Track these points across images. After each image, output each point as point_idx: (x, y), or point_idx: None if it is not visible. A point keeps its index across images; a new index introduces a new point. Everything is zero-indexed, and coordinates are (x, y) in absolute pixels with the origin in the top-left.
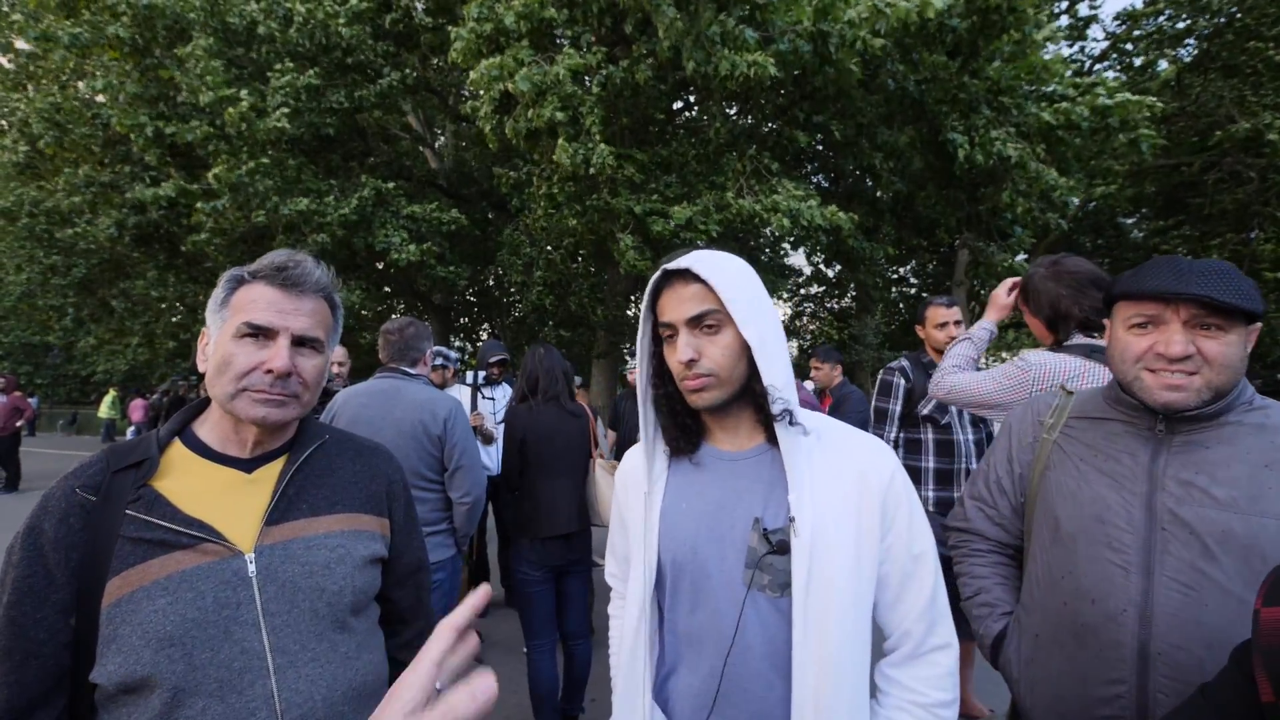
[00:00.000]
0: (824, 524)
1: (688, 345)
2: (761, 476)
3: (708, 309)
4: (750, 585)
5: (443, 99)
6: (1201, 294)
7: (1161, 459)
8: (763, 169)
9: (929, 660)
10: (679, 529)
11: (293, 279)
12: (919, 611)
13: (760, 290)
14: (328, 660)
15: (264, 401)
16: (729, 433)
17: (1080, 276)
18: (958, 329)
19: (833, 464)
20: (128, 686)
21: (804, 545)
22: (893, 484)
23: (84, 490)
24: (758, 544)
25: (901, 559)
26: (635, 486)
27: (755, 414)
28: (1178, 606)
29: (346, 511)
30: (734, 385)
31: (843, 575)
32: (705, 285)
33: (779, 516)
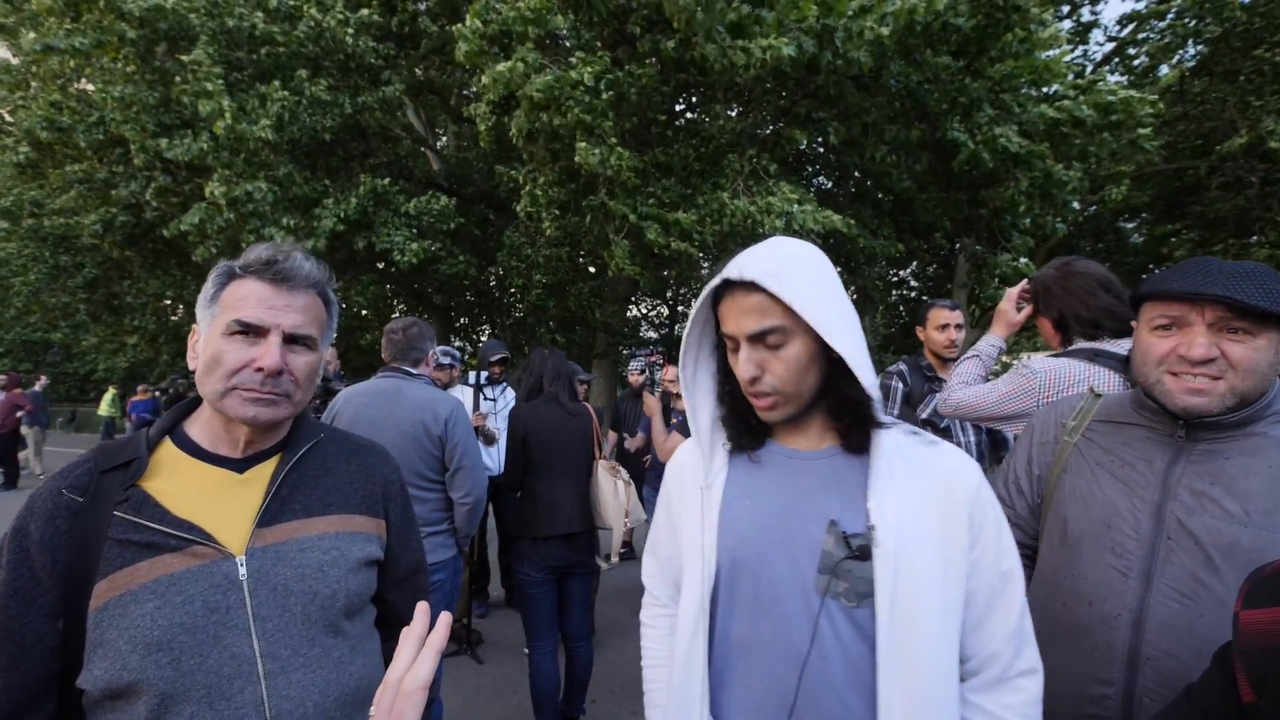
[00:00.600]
0: (908, 531)
1: (749, 362)
2: (835, 478)
3: (769, 326)
4: (826, 592)
5: (444, 99)
6: (1225, 295)
7: (1178, 467)
8: (761, 170)
9: (1015, 686)
10: (741, 528)
11: (283, 273)
12: (1007, 633)
13: (835, 285)
14: (319, 665)
15: (254, 400)
16: (799, 433)
17: (1090, 279)
18: (959, 332)
19: (914, 471)
20: (114, 692)
21: (888, 553)
22: (980, 495)
23: (71, 491)
24: (834, 548)
25: (989, 575)
26: (691, 482)
27: (829, 418)
28: (1173, 615)
29: (341, 512)
30: (804, 399)
31: (930, 588)
32: (770, 297)
33: (856, 521)
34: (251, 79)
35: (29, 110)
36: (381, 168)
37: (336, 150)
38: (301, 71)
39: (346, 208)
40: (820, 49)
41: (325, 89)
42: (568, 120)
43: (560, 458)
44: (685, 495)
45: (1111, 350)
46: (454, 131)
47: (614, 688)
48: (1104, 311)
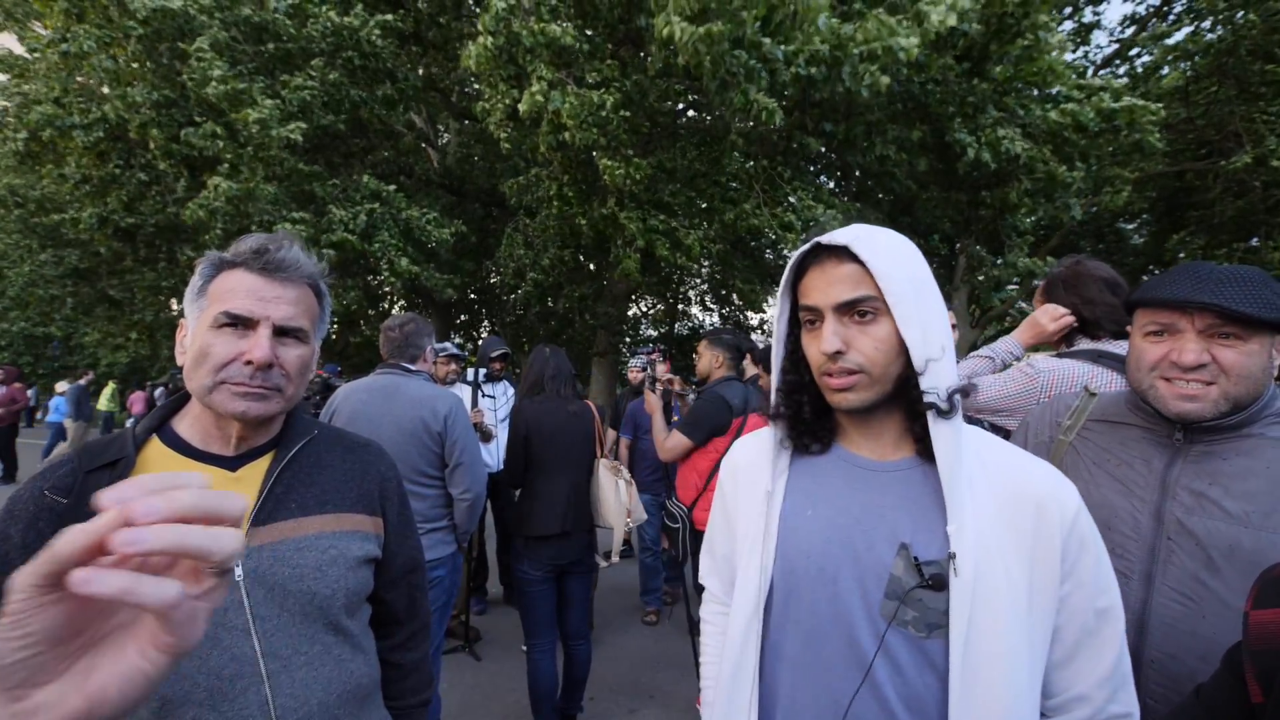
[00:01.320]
0: (990, 562)
1: (834, 335)
2: (910, 495)
3: (863, 295)
4: (893, 619)
5: (445, 97)
6: (1213, 302)
7: (1176, 467)
8: (776, 177)
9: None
10: (802, 538)
11: (274, 264)
12: (1100, 675)
13: (927, 277)
14: (321, 663)
15: (244, 395)
16: (871, 438)
17: (1098, 279)
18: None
19: (1002, 491)
20: None
21: (965, 585)
22: (1077, 522)
23: (54, 493)
24: (904, 574)
25: (1082, 613)
26: (752, 482)
27: (906, 421)
28: (1176, 617)
29: (337, 511)
30: (886, 386)
31: (1010, 624)
32: (862, 267)
33: (931, 546)
34: (254, 72)
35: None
36: (382, 165)
37: (338, 145)
38: (317, 60)
39: (354, 223)
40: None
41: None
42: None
43: (561, 456)
44: (741, 494)
45: (1114, 351)
46: (455, 129)
47: (612, 686)
48: (1108, 312)
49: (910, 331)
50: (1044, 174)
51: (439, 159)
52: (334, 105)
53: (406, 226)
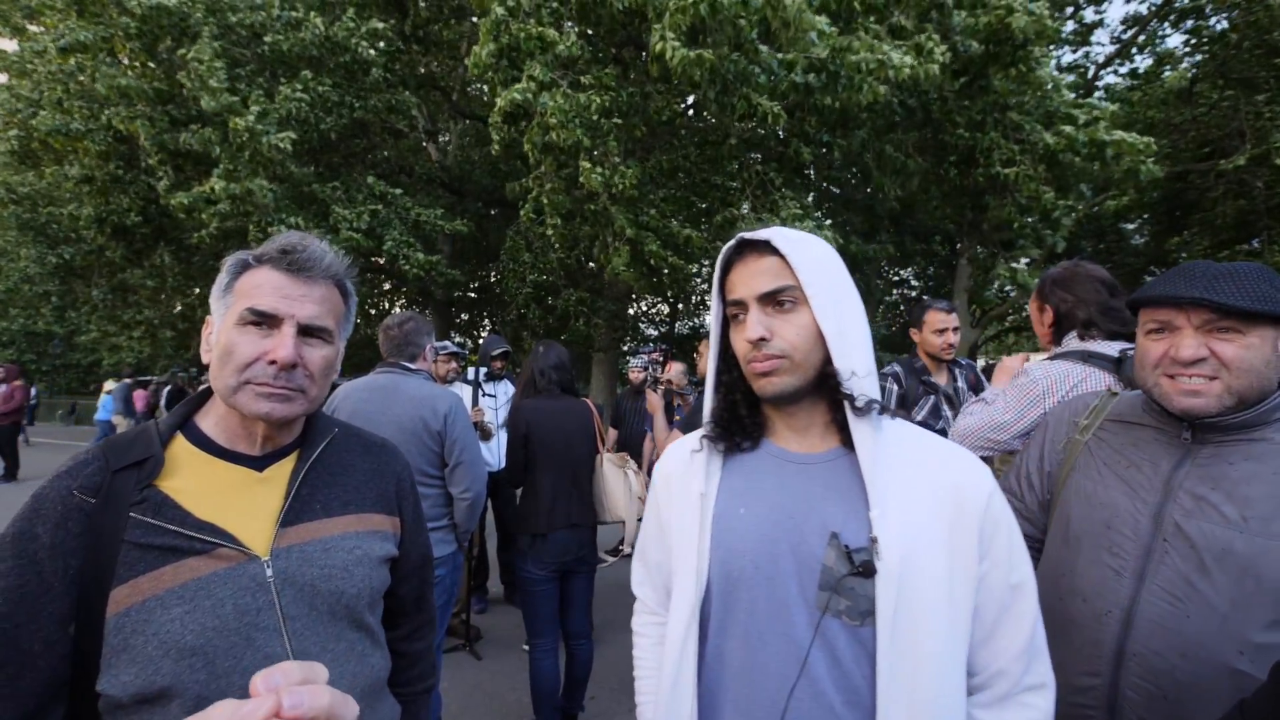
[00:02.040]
0: (913, 545)
1: (758, 323)
2: (837, 485)
3: (783, 285)
4: (826, 610)
5: (446, 95)
6: (1204, 297)
7: (1183, 470)
8: (768, 182)
9: (1023, 702)
10: (736, 537)
11: (300, 263)
12: (1018, 649)
13: (844, 275)
14: (346, 659)
15: (268, 395)
16: (798, 432)
17: (1095, 280)
18: (956, 335)
19: (922, 476)
20: (146, 697)
21: (891, 569)
22: (991, 504)
23: (82, 492)
24: (836, 563)
25: (999, 590)
26: (684, 485)
27: (830, 413)
28: (1161, 615)
29: (359, 511)
30: (808, 372)
31: (935, 605)
32: (783, 260)
33: (859, 534)
34: (253, 74)
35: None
36: (383, 164)
37: (339, 147)
38: (306, 72)
39: (357, 221)
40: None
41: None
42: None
43: (562, 453)
44: (674, 500)
45: (1103, 351)
46: (456, 129)
47: (613, 685)
48: (1102, 312)
49: (827, 323)
50: (1033, 193)
51: (440, 158)
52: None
53: (415, 223)
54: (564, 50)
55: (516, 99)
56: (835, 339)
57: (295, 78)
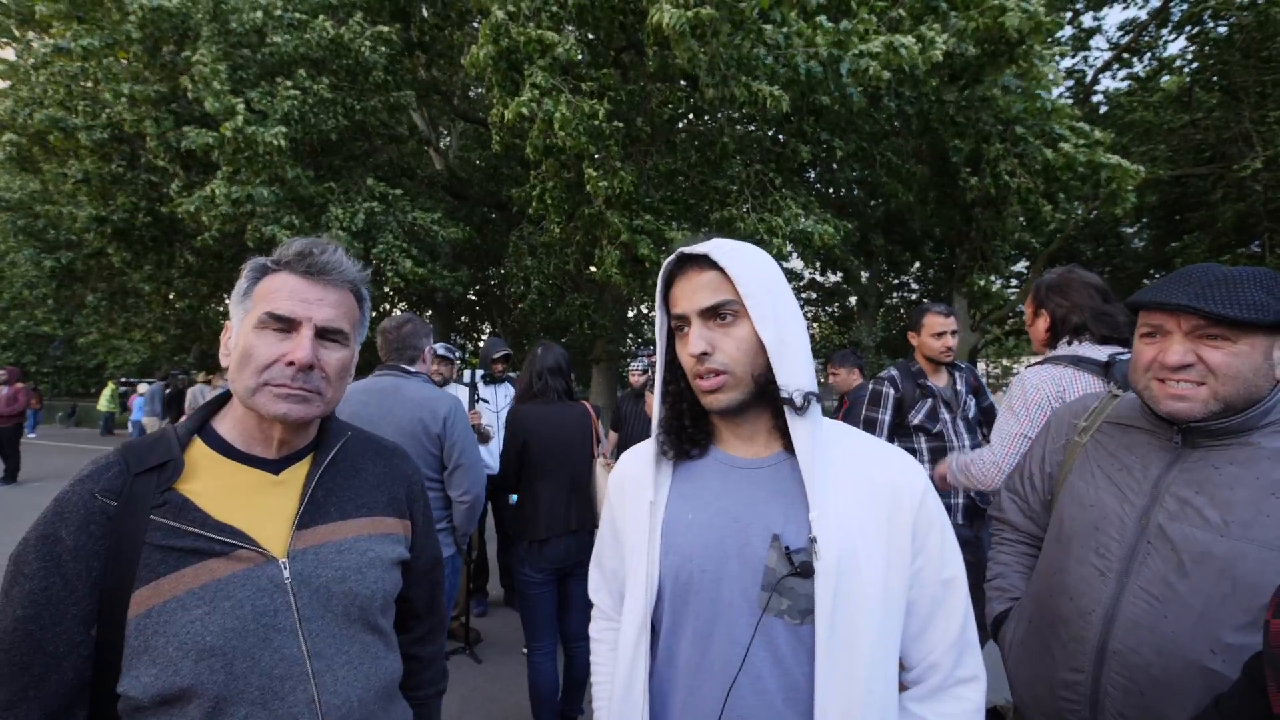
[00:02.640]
0: (851, 545)
1: (700, 337)
2: (780, 488)
3: (723, 299)
4: (766, 609)
5: (448, 99)
6: (1191, 305)
7: (1171, 473)
8: (767, 183)
9: (955, 694)
10: (684, 543)
11: (317, 266)
12: (949, 642)
13: (782, 284)
14: (360, 662)
15: (286, 397)
16: (743, 438)
17: (1087, 286)
18: (954, 339)
19: (860, 477)
20: (166, 698)
21: (829, 568)
22: (925, 502)
23: (104, 495)
24: (777, 564)
25: (931, 585)
26: (636, 493)
27: (773, 419)
28: (1140, 614)
29: (372, 515)
30: (750, 385)
31: (871, 603)
32: (722, 273)
33: (800, 535)
34: (257, 78)
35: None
36: (384, 167)
37: (340, 149)
38: (301, 71)
39: (352, 220)
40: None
41: (328, 88)
42: (576, 144)
43: (559, 457)
44: (628, 507)
45: (1092, 356)
46: (458, 132)
47: None
48: (1094, 317)
49: (766, 332)
50: (1033, 205)
51: (441, 161)
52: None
53: (411, 228)
54: (563, 53)
55: (523, 112)
56: (775, 347)
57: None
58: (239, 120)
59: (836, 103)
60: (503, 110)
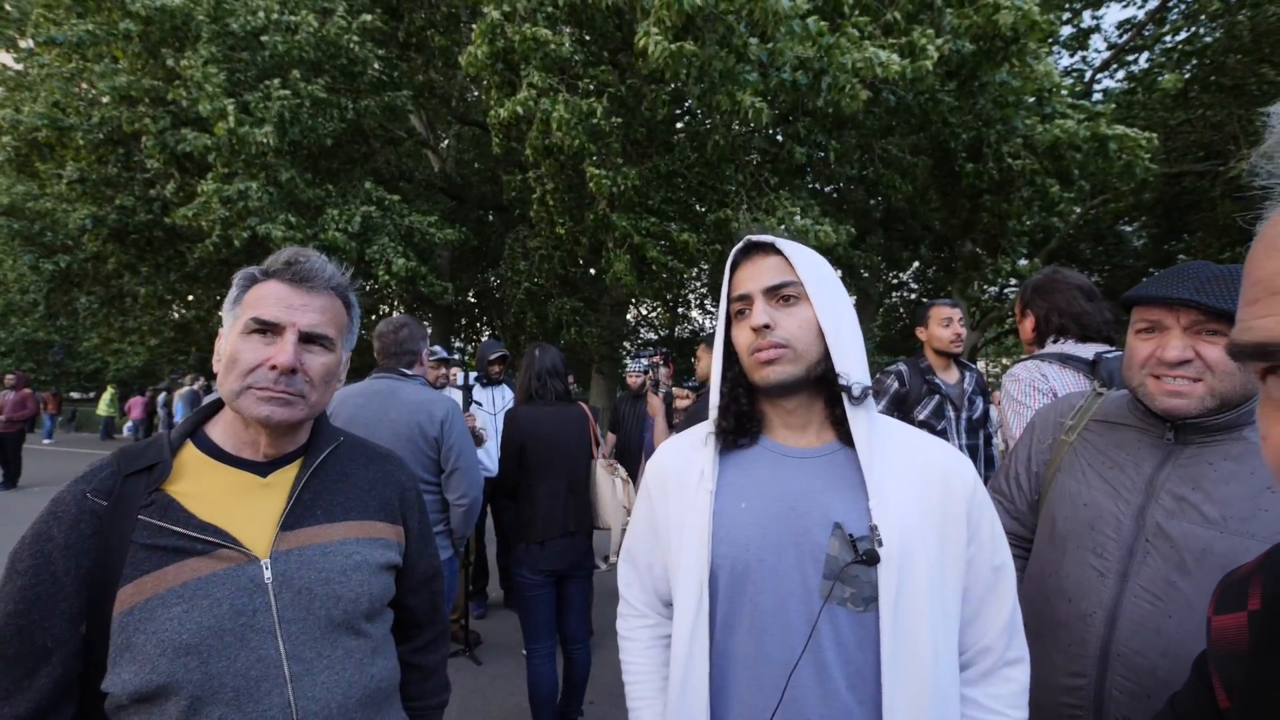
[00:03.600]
0: (909, 533)
1: (763, 312)
2: (836, 477)
3: (787, 279)
4: (829, 598)
5: (446, 101)
6: (1193, 299)
7: (1165, 470)
8: (763, 183)
9: (1004, 676)
10: (739, 532)
11: (302, 274)
12: (1000, 626)
13: (837, 282)
14: (343, 667)
15: (268, 399)
16: (795, 429)
17: (1072, 286)
18: (962, 328)
19: (912, 467)
20: (143, 695)
21: (891, 555)
22: (976, 491)
23: (95, 495)
24: (839, 552)
25: (984, 571)
26: (682, 484)
27: (827, 409)
28: (1144, 615)
29: (361, 518)
30: (808, 363)
31: (930, 589)
32: (785, 260)
33: (860, 523)
34: (255, 80)
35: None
36: (382, 170)
37: (337, 153)
38: (295, 72)
39: (348, 221)
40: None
41: (322, 88)
42: (575, 144)
43: (558, 459)
44: (671, 498)
45: (1079, 355)
46: (455, 134)
47: (613, 690)
48: (1076, 316)
49: (825, 317)
50: (1040, 186)
51: (439, 164)
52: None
53: (408, 231)
54: (555, 50)
55: (519, 111)
56: (833, 334)
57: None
58: (231, 121)
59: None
60: (500, 111)
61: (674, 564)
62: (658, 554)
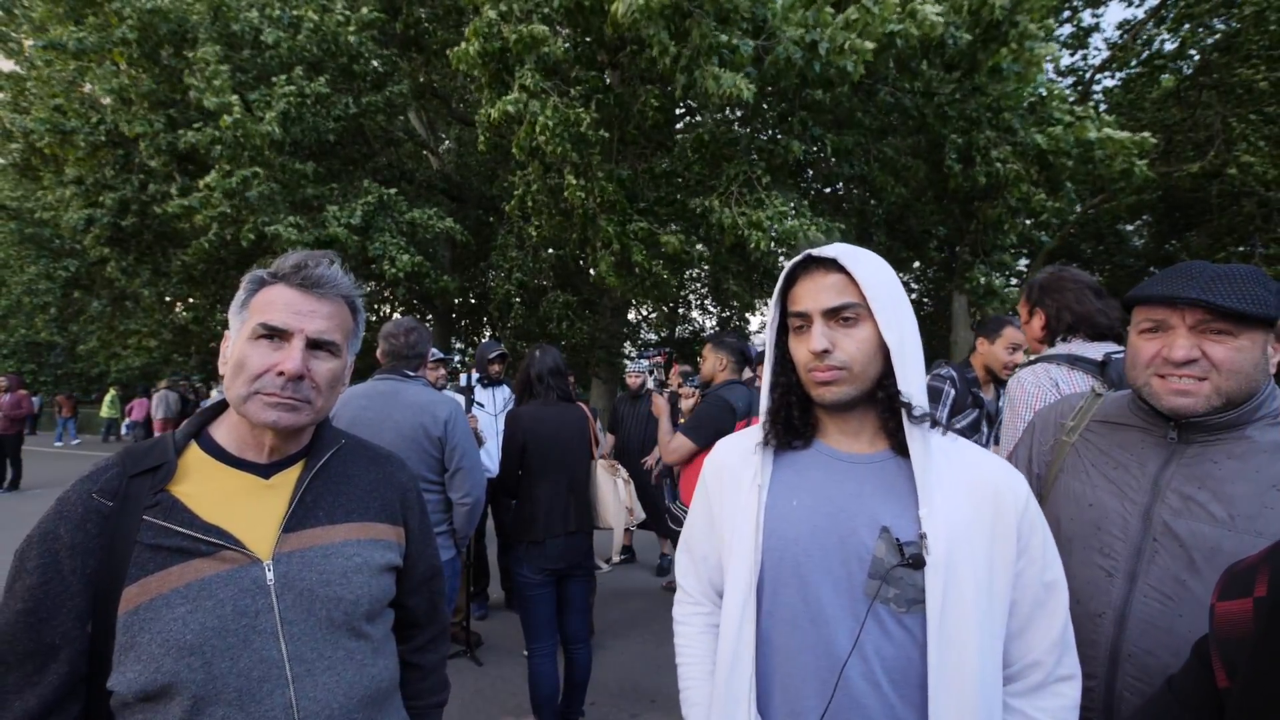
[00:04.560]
0: (958, 542)
1: (822, 335)
2: (886, 484)
3: (848, 301)
4: (875, 597)
5: (446, 102)
6: (1200, 298)
7: (1169, 470)
8: (754, 180)
9: (1055, 691)
10: (788, 528)
11: (311, 279)
12: (1050, 641)
13: (902, 292)
14: (344, 667)
15: (275, 405)
16: (849, 435)
17: (1080, 285)
18: (1022, 356)
19: (966, 481)
20: (147, 694)
21: (939, 562)
22: (1028, 507)
23: (101, 495)
24: (886, 554)
25: (1034, 586)
26: (737, 480)
27: (880, 419)
28: (1154, 615)
29: (362, 520)
30: (865, 383)
31: (978, 597)
32: (848, 277)
33: (908, 529)
34: (256, 80)
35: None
36: (383, 170)
37: (339, 152)
38: (298, 69)
39: (350, 215)
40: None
41: (324, 84)
42: (559, 150)
43: (558, 459)
44: (726, 492)
45: (1088, 355)
46: (455, 135)
47: (612, 691)
48: (1084, 316)
49: (890, 334)
50: (1025, 194)
51: (439, 164)
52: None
53: (410, 227)
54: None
55: (509, 110)
56: (897, 350)
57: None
58: (236, 113)
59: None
60: (489, 110)
61: (727, 556)
62: (713, 545)
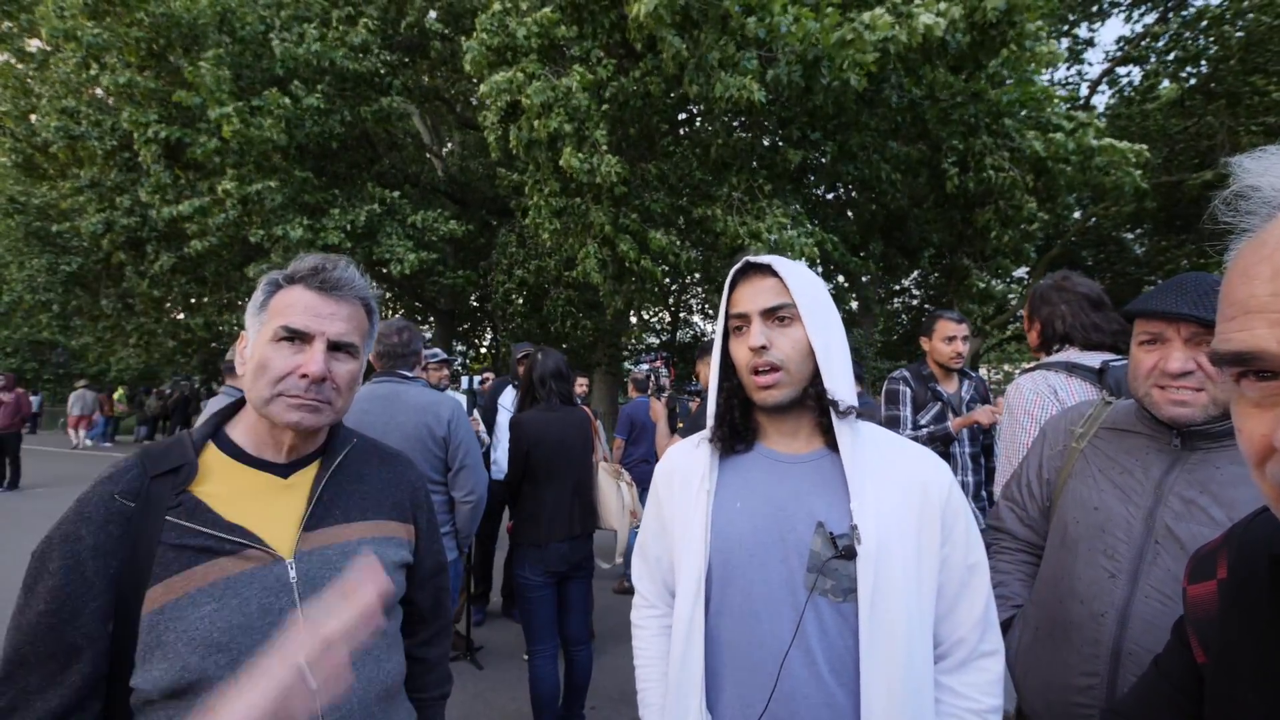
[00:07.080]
0: (887, 532)
1: (760, 333)
2: (822, 481)
3: (784, 301)
4: (813, 589)
5: (450, 106)
6: (1192, 314)
7: (1173, 475)
8: (756, 189)
9: (979, 666)
10: (733, 529)
11: (330, 282)
12: (974, 620)
13: (829, 301)
14: (361, 664)
15: (299, 406)
16: (787, 436)
17: (1080, 294)
18: (965, 345)
19: (893, 473)
20: (174, 691)
21: (869, 551)
22: (951, 496)
23: (123, 496)
24: (821, 548)
25: (958, 569)
26: (686, 484)
27: (815, 419)
28: (1155, 614)
29: (377, 518)
30: (801, 383)
31: (906, 583)
32: (781, 282)
33: (841, 523)
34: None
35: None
36: (387, 174)
37: (343, 157)
38: (296, 83)
39: (354, 220)
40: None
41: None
42: (551, 128)
43: (563, 462)
44: (676, 496)
45: (1086, 363)
46: (459, 139)
47: (613, 694)
48: (1081, 326)
49: (817, 339)
50: (1016, 201)
51: (443, 168)
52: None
53: (414, 228)
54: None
55: (500, 84)
56: (823, 354)
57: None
58: (235, 122)
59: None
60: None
61: (677, 558)
62: (665, 548)
